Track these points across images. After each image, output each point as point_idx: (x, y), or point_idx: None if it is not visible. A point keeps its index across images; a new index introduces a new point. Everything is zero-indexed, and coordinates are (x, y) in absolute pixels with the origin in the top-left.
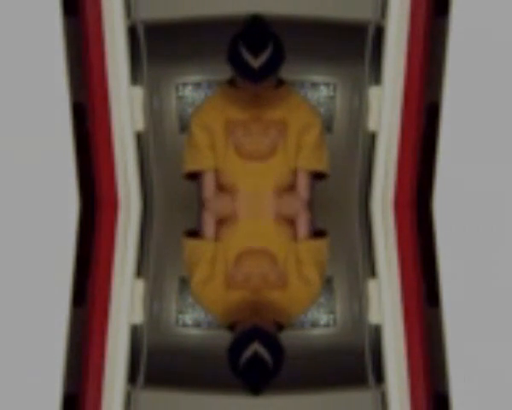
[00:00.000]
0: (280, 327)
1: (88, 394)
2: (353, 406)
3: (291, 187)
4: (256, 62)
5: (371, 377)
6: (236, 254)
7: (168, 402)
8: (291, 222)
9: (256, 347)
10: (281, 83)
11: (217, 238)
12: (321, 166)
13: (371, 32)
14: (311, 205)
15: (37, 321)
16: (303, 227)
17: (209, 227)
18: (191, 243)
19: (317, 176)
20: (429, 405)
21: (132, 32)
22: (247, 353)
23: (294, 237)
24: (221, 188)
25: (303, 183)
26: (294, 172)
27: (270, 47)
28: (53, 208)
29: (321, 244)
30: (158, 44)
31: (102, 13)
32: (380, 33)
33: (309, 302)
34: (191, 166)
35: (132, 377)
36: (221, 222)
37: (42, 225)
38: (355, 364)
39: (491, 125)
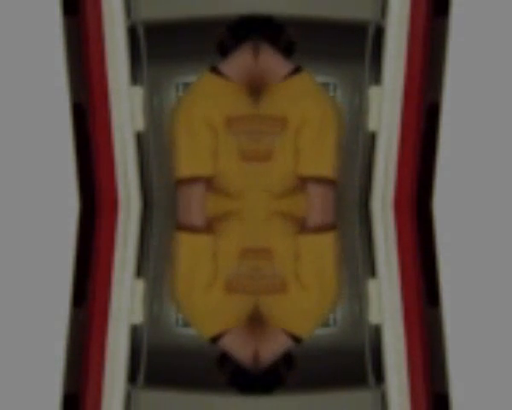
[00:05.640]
0: (296, 339)
1: (88, 394)
2: (353, 406)
3: (295, 190)
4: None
5: (371, 377)
6: (234, 256)
7: (168, 402)
8: (295, 221)
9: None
10: (296, 70)
11: (215, 237)
12: (320, 170)
13: (371, 32)
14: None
15: (38, 321)
16: (311, 222)
17: (198, 215)
18: (189, 239)
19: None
20: (429, 405)
21: (132, 32)
22: None
23: (297, 237)
24: (218, 191)
25: (311, 192)
26: (296, 176)
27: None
28: (53, 209)
29: (324, 241)
30: (158, 44)
31: (102, 13)
32: (380, 33)
33: (315, 308)
34: (187, 170)
35: (132, 377)
36: (217, 222)
37: (42, 226)
38: (355, 364)
39: (491, 125)
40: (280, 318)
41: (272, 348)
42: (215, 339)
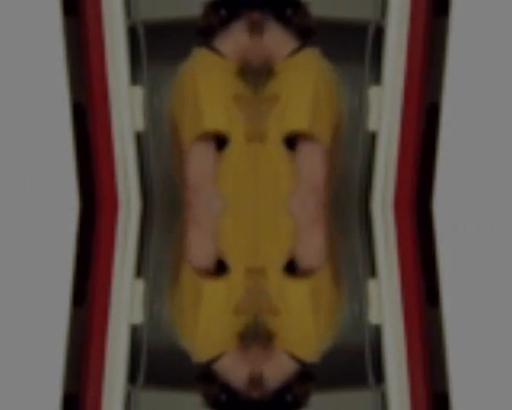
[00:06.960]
0: (301, 362)
1: (88, 394)
2: (353, 406)
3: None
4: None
5: (371, 377)
6: (242, 273)
7: (168, 402)
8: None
9: None
10: (303, 46)
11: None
12: (295, 124)
13: (371, 32)
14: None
15: (38, 321)
16: (305, 258)
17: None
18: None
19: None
20: (429, 405)
21: (132, 32)
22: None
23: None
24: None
25: (303, 169)
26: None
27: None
28: (53, 208)
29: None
30: (158, 44)
31: (102, 13)
32: (380, 33)
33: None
34: (212, 122)
35: (132, 377)
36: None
37: (42, 225)
38: (355, 364)
39: (491, 125)
40: (281, 339)
41: (276, 371)
42: (206, 363)
